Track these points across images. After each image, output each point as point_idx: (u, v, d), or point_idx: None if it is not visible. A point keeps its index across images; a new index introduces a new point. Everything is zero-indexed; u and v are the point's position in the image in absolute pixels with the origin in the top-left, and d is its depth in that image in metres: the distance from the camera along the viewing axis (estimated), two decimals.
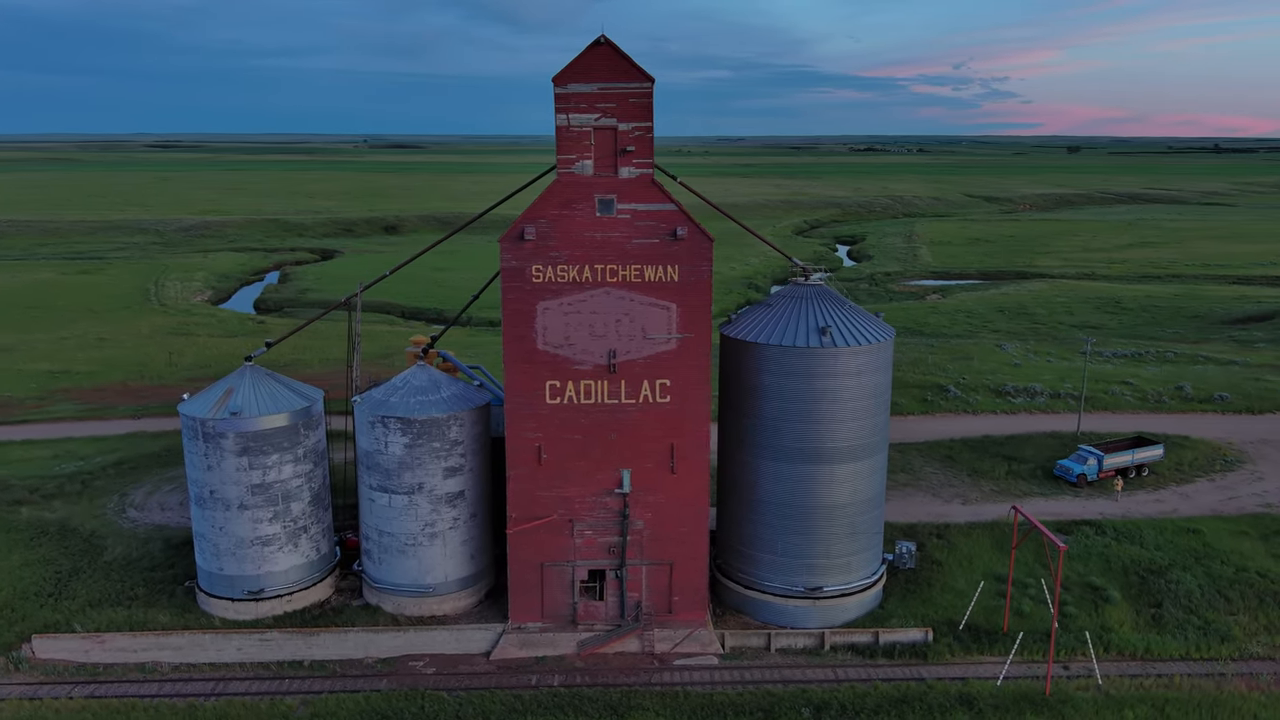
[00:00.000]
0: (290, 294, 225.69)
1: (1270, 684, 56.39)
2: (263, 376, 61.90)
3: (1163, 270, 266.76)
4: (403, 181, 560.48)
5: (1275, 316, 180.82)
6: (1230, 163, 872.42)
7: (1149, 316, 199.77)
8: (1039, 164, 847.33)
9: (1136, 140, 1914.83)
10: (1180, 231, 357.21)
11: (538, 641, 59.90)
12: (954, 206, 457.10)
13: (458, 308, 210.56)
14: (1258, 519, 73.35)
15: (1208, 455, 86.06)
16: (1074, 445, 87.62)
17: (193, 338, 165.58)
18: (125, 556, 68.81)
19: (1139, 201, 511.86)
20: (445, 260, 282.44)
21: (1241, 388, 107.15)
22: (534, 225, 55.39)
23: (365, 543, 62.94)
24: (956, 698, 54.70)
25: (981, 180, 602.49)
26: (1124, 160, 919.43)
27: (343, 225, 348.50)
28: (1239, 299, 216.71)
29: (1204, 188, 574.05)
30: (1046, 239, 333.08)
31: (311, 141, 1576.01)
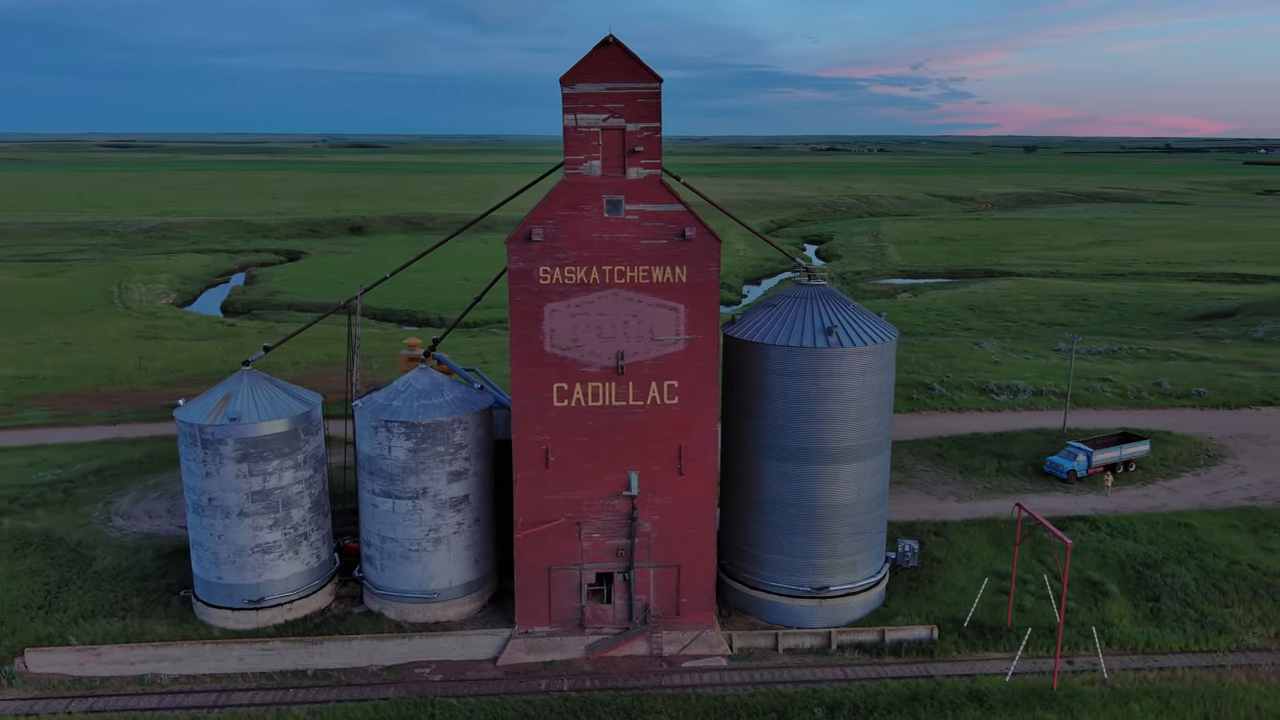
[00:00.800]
0: (258, 296, 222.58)
1: (1269, 675, 57.44)
2: (260, 381, 60.82)
3: (1125, 268, 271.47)
4: (366, 182, 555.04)
5: (1238, 313, 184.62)
6: (1182, 162, 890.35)
7: (1115, 314, 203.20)
8: (998, 164, 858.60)
9: (1090, 140, 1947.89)
10: (1139, 230, 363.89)
11: (545, 646, 59.43)
12: (918, 206, 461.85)
13: (430, 310, 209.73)
14: (1245, 512, 74.73)
15: (1191, 450, 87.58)
16: (1060, 442, 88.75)
17: (161, 341, 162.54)
18: (115, 566, 67.23)
19: (1097, 200, 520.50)
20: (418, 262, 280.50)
21: (1216, 383, 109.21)
22: (541, 226, 54.93)
23: (367, 549, 62.05)
24: (966, 694, 55.09)
25: (943, 180, 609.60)
26: (1079, 160, 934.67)
27: (307, 226, 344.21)
28: (1200, 296, 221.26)
29: (1159, 187, 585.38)
30: (1010, 238, 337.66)
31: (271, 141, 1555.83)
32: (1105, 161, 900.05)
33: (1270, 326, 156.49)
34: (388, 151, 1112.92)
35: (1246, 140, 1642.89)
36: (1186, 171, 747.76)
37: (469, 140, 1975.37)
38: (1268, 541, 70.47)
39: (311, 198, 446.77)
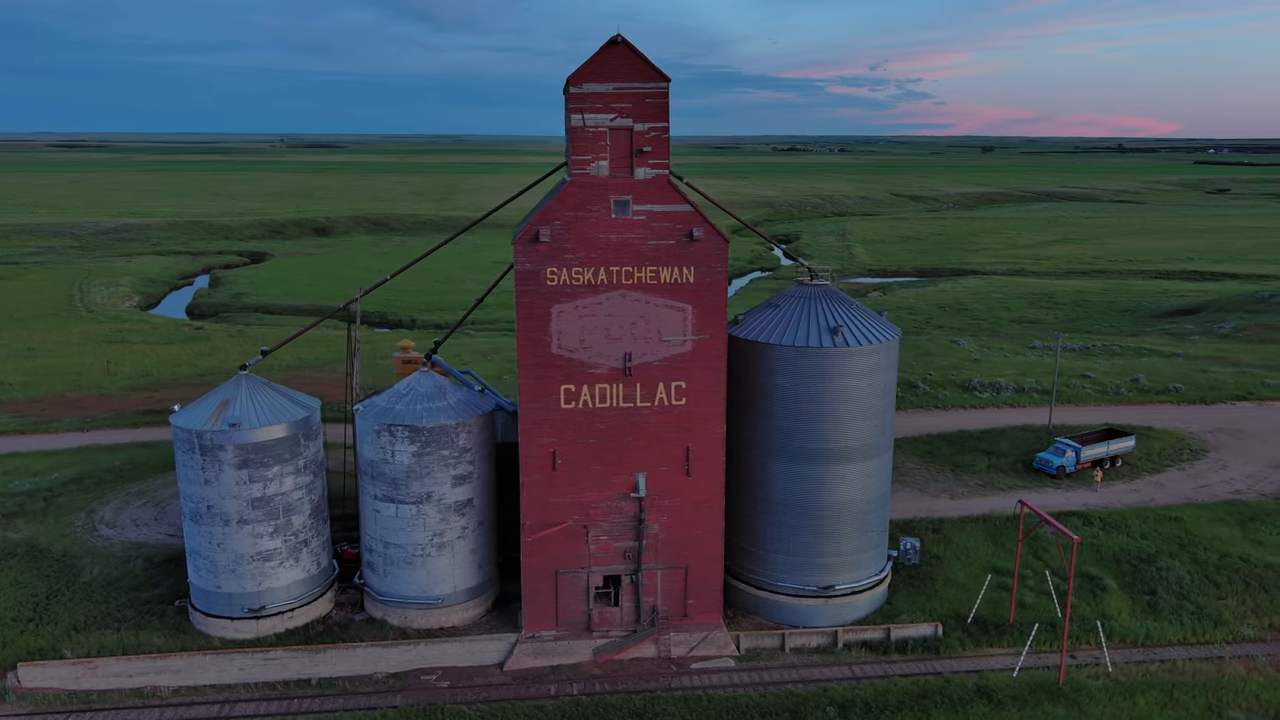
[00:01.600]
0: (224, 298, 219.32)
1: (1266, 665, 58.50)
2: (259, 386, 59.68)
3: (1087, 266, 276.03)
4: (327, 182, 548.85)
5: (1201, 310, 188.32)
6: (1134, 162, 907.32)
7: (1082, 311, 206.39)
8: (957, 163, 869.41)
9: (1045, 140, 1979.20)
10: (1098, 228, 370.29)
11: (552, 650, 58.94)
12: (882, 205, 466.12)
13: (401, 311, 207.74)
14: (1231, 506, 76.15)
15: (1174, 445, 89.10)
16: (1046, 438, 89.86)
17: (128, 345, 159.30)
18: (105, 577, 65.61)
19: (1056, 199, 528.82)
20: (383, 263, 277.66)
21: (1191, 379, 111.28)
22: (549, 227, 54.42)
23: (369, 555, 61.12)
24: (974, 690, 55.50)
25: (905, 179, 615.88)
26: (1035, 160, 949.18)
27: (271, 227, 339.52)
28: (1163, 293, 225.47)
29: (1115, 186, 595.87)
30: (974, 236, 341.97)
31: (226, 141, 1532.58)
32: (1061, 161, 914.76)
33: (1235, 323, 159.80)
34: (347, 151, 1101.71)
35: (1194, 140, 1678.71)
36: (1139, 171, 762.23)
37: (429, 140, 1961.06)
38: (1255, 534, 71.85)
39: (273, 198, 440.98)
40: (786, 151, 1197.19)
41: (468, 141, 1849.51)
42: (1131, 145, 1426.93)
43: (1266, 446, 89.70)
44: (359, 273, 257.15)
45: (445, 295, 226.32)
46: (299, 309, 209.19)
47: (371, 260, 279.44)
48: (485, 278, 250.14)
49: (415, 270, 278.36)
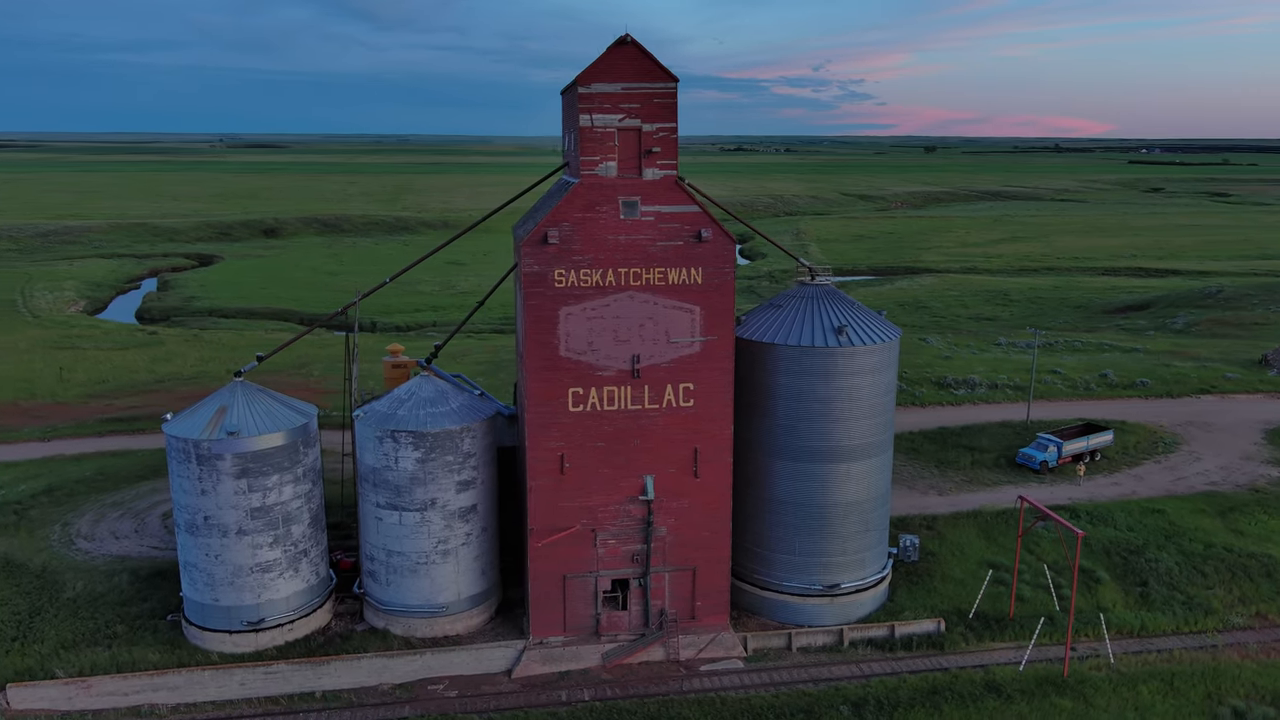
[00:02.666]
0: (175, 302, 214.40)
1: (1258, 652, 60.05)
2: (255, 393, 58.12)
3: (1036, 263, 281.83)
4: (272, 183, 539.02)
5: (1151, 305, 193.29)
6: (1072, 162, 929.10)
7: (1036, 308, 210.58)
8: (901, 163, 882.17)
9: (984, 140, 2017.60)
10: (1044, 226, 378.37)
11: (561, 656, 58.32)
12: (832, 205, 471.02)
13: (361, 314, 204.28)
14: (1210, 497, 78.09)
15: (1148, 439, 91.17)
16: (1025, 433, 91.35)
17: (80, 352, 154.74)
18: (90, 592, 63.39)
19: (999, 198, 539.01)
20: (334, 264, 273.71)
21: (1156, 373, 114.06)
22: (557, 228, 53.81)
23: (370, 564, 59.89)
24: (982, 685, 56.12)
25: (853, 179, 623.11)
26: (977, 160, 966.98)
27: (218, 229, 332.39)
28: (1111, 290, 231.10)
29: (1055, 185, 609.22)
30: (925, 235, 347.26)
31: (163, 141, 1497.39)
32: (1001, 161, 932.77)
33: (1187, 318, 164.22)
34: (289, 151, 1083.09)
35: (1127, 140, 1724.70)
36: (1078, 170, 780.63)
37: (373, 140, 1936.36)
38: (1235, 524, 73.76)
39: (217, 199, 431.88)
40: (733, 151, 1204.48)
41: (412, 141, 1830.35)
42: (1068, 145, 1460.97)
43: (1235, 439, 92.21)
44: (312, 275, 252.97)
45: (403, 297, 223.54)
46: (254, 312, 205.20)
47: (324, 262, 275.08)
48: (442, 279, 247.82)
49: (367, 273, 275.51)
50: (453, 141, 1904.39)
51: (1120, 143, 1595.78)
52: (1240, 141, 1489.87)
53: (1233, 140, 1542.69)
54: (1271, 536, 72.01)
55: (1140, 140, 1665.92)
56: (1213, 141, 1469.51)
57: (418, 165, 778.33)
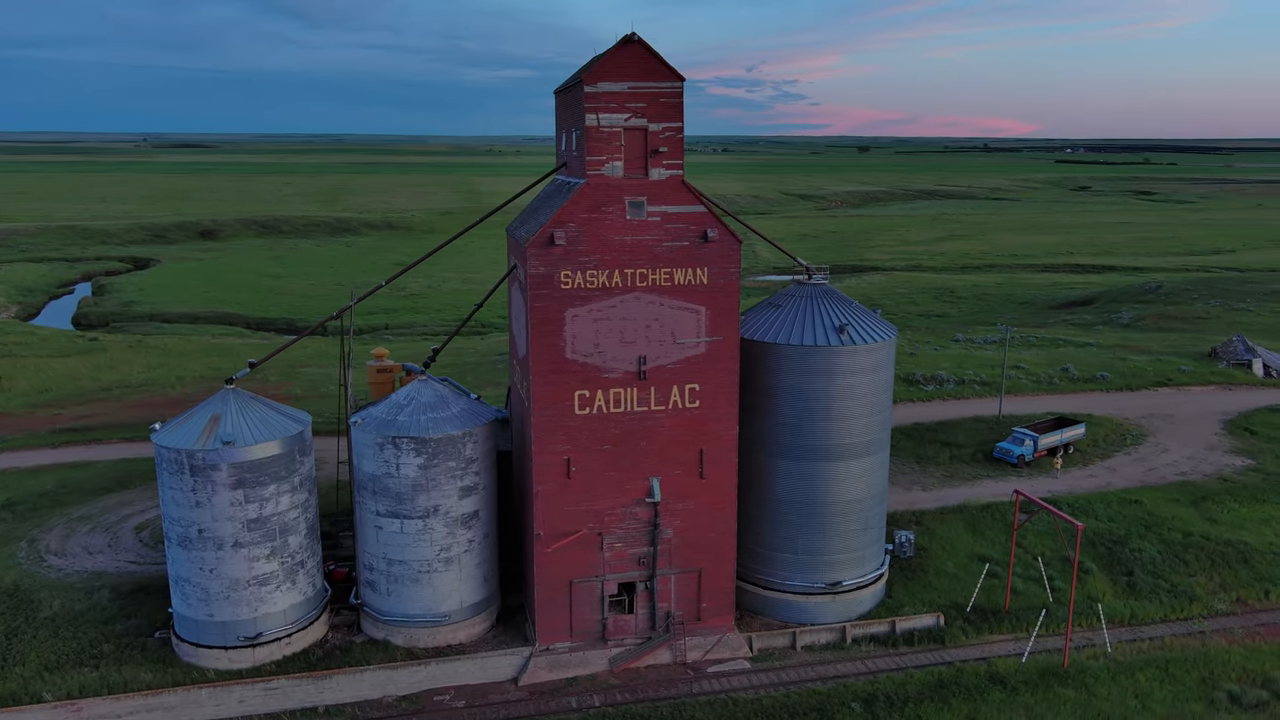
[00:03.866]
0: (113, 307, 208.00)
1: (1244, 637, 61.87)
2: (248, 400, 56.31)
3: (978, 260, 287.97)
4: (205, 183, 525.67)
5: (1094, 301, 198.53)
6: (1001, 161, 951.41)
7: (983, 304, 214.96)
8: (836, 163, 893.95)
9: (915, 140, 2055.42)
10: (981, 224, 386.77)
11: (567, 662, 57.61)
12: (773, 204, 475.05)
13: (304, 317, 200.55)
14: (1182, 487, 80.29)
15: (1115, 431, 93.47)
16: (998, 428, 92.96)
17: (18, 359, 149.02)
18: (69, 611, 60.79)
19: (935, 197, 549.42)
20: (277, 267, 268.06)
21: (1113, 367, 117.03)
22: (563, 229, 53.10)
23: (369, 573, 58.43)
24: (987, 678, 56.84)
25: (792, 179, 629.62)
26: (909, 159, 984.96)
27: (152, 231, 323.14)
28: (1053, 286, 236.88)
29: (988, 184, 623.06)
30: (867, 234, 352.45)
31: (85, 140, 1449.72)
32: (933, 160, 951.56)
33: (1132, 313, 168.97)
34: (219, 151, 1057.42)
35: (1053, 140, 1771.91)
36: (1008, 170, 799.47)
37: (305, 140, 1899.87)
38: (1209, 513, 75.93)
39: (149, 201, 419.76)
40: None
41: (346, 141, 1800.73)
42: (996, 145, 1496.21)
43: (1197, 429, 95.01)
44: (255, 278, 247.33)
45: (347, 298, 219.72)
46: (198, 316, 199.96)
47: (266, 265, 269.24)
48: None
49: (315, 275, 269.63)
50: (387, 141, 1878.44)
51: (1046, 143, 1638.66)
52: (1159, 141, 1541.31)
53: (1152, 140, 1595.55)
54: (1244, 524, 74.29)
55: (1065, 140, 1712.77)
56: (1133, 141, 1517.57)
57: (354, 165, 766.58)
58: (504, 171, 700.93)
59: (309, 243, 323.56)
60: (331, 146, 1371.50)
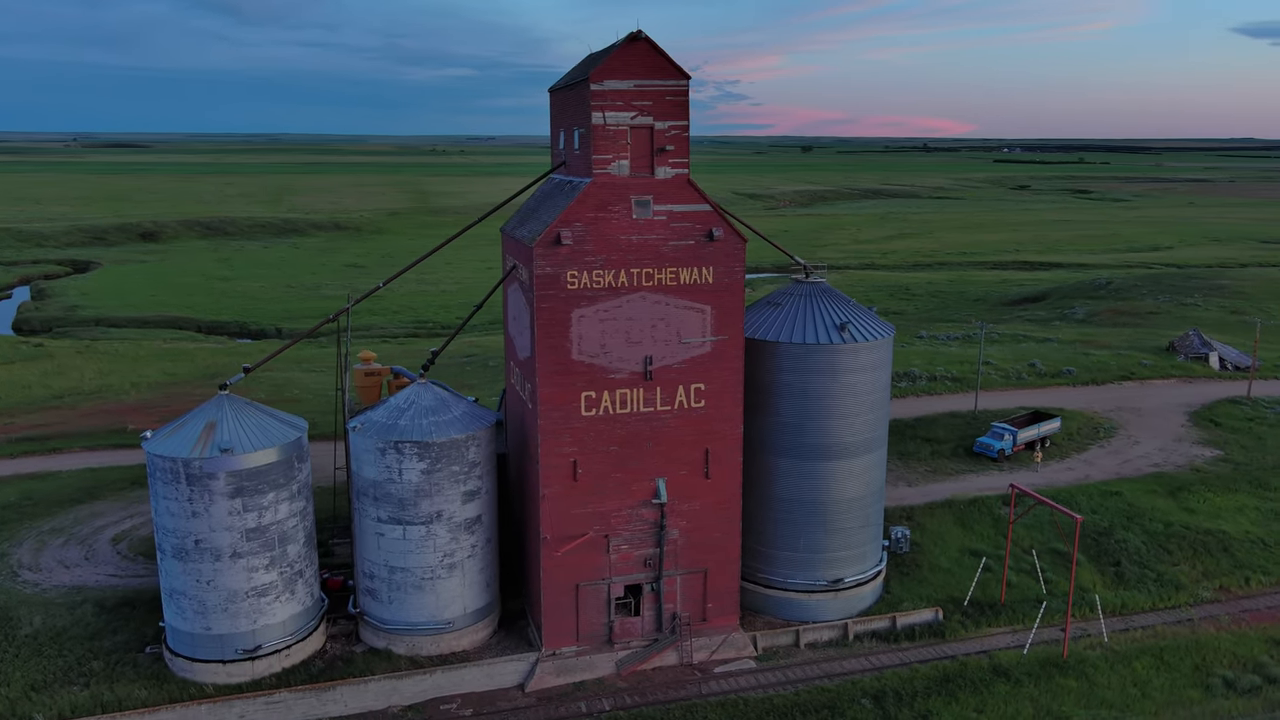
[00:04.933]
0: (56, 312, 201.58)
1: (1230, 624, 63.49)
2: (243, 407, 54.68)
3: (929, 259, 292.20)
4: (141, 184, 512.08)
5: (1046, 297, 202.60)
6: (941, 161, 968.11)
7: (938, 301, 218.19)
8: (781, 162, 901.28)
9: (856, 140, 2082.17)
10: (928, 223, 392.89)
11: (574, 666, 56.98)
12: (724, 204, 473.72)
13: (264, 320, 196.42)
14: (1158, 478, 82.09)
15: (1088, 425, 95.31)
16: (975, 423, 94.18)
17: None
18: (52, 628, 58.45)
19: (880, 196, 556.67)
20: (225, 269, 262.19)
21: (1077, 362, 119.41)
22: (569, 229, 52.47)
23: (369, 581, 57.13)
24: (990, 670, 57.55)
25: (740, 178, 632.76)
26: (852, 159, 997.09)
27: (90, 233, 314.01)
28: (1003, 283, 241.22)
29: (931, 183, 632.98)
30: (818, 233, 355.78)
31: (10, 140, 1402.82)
32: (876, 160, 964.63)
33: (1086, 309, 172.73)
34: (153, 151, 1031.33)
35: (989, 140, 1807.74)
36: (949, 169, 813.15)
37: (242, 139, 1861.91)
38: (1186, 503, 77.78)
39: (85, 202, 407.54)
40: None
41: (284, 140, 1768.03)
42: (935, 145, 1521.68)
43: (1165, 422, 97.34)
44: (203, 281, 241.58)
45: (303, 302, 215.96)
46: (146, 321, 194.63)
47: (213, 267, 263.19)
48: (340, 280, 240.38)
49: (264, 277, 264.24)
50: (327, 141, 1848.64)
51: (983, 142, 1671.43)
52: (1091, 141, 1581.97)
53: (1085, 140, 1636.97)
54: (1220, 514, 76.24)
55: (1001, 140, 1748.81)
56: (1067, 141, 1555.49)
57: (295, 165, 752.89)
58: (450, 171, 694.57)
59: (255, 244, 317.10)
60: (270, 146, 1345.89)
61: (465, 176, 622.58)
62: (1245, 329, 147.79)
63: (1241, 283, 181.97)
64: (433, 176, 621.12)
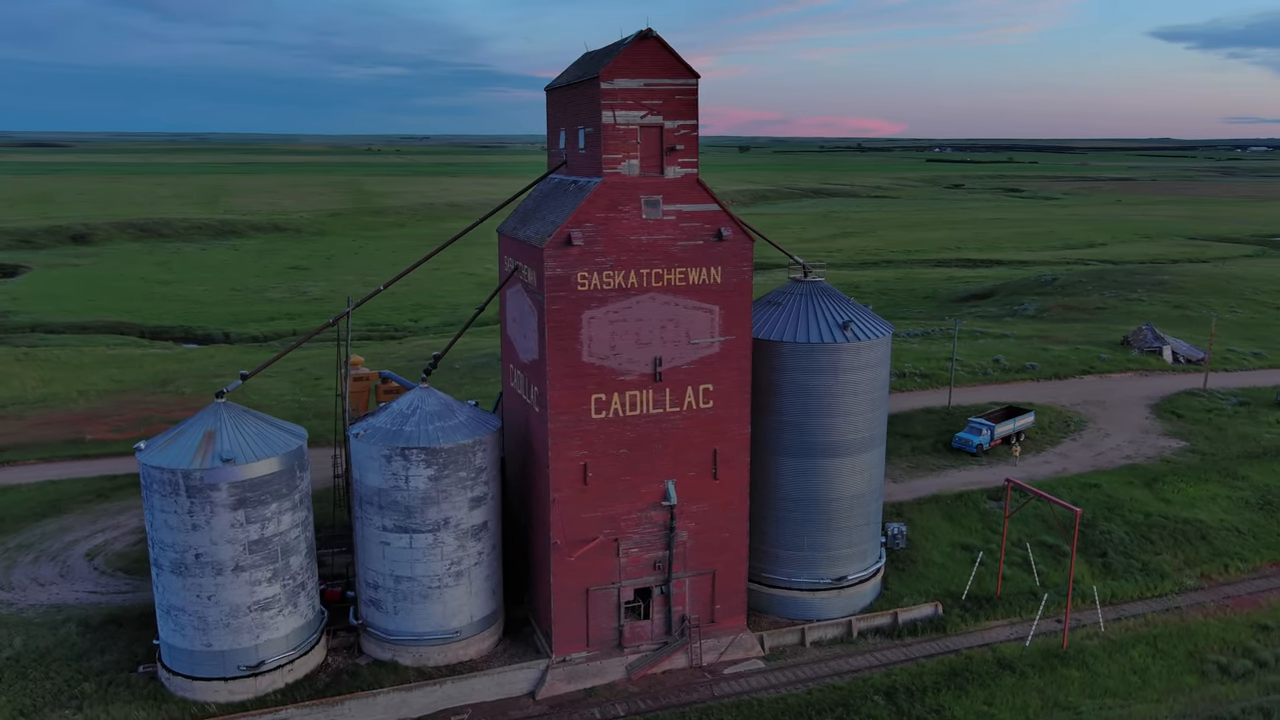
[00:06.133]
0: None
1: (1216, 610, 65.31)
2: (241, 415, 52.86)
3: (874, 257, 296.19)
4: (67, 185, 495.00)
5: (995, 294, 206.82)
6: (876, 160, 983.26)
7: (888, 299, 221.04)
8: (720, 162, 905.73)
9: (791, 140, 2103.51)
10: (869, 221, 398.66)
11: (585, 672, 56.26)
12: None
13: (210, 324, 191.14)
14: (1132, 469, 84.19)
15: (1058, 419, 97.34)
16: (950, 419, 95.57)
17: None
18: (34, 649, 55.84)
19: (820, 196, 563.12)
20: (164, 272, 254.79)
21: (1038, 357, 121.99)
22: (580, 229, 51.77)
23: (373, 592, 55.70)
24: (995, 663, 58.29)
25: None
26: (789, 159, 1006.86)
27: (16, 236, 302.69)
28: (949, 280, 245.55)
29: (868, 182, 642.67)
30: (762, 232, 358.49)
31: None
32: (811, 160, 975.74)
33: (1037, 304, 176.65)
34: (75, 151, 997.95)
35: (919, 140, 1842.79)
36: (884, 168, 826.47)
37: (167, 138, 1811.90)
38: (1162, 493, 79.86)
39: (7, 204, 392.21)
40: None
41: (212, 140, 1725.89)
42: (870, 145, 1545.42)
43: (1129, 414, 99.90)
44: (142, 285, 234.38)
45: (249, 305, 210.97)
46: (86, 326, 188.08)
47: (152, 271, 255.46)
48: (284, 283, 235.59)
49: (206, 280, 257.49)
50: (258, 140, 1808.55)
51: (914, 142, 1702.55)
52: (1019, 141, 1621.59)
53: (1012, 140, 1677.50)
54: (1195, 503, 78.42)
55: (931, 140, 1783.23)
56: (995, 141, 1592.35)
57: (227, 165, 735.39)
58: (388, 171, 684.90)
59: (193, 246, 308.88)
60: (198, 145, 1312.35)
61: (404, 176, 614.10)
62: (1189, 323, 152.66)
63: (1181, 279, 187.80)
64: (371, 176, 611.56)
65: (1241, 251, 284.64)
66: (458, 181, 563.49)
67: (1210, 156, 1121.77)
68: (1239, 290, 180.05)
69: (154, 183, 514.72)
